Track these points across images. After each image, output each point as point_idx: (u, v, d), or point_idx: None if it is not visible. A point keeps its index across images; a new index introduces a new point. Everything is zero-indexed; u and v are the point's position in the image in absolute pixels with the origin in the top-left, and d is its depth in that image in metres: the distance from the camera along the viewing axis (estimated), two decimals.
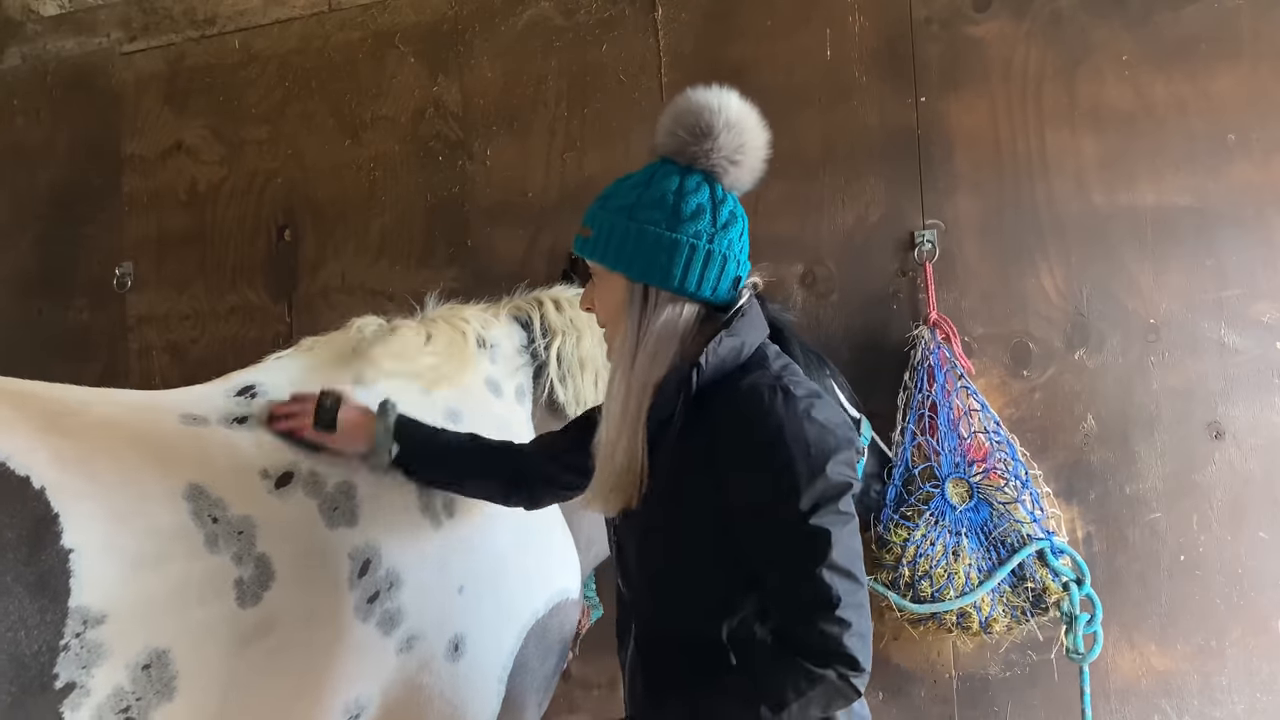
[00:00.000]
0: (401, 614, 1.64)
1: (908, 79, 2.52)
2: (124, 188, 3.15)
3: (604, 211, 1.40)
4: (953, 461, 2.33)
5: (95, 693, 1.26)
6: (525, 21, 2.82)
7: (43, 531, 1.25)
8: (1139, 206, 2.38)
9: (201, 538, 1.42)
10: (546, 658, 1.88)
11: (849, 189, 2.55)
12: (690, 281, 1.36)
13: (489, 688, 1.77)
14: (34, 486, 1.27)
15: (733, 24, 2.65)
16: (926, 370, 2.37)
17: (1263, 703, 2.28)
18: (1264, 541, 2.30)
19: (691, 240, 1.36)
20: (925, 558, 2.25)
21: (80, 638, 1.25)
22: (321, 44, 2.99)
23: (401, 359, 1.85)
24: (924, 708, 2.46)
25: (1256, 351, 2.31)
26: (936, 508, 2.29)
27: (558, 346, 2.08)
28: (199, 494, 1.44)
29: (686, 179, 1.39)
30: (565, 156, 2.77)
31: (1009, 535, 2.27)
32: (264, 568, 1.47)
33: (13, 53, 3.32)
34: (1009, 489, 2.30)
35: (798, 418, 1.28)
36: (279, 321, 2.97)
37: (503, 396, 2.02)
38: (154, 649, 1.33)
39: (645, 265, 1.36)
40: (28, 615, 1.21)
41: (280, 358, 1.84)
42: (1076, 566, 2.26)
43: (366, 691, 1.61)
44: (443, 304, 2.09)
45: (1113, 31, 2.41)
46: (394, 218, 2.90)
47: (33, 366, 3.13)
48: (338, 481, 1.64)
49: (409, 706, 1.66)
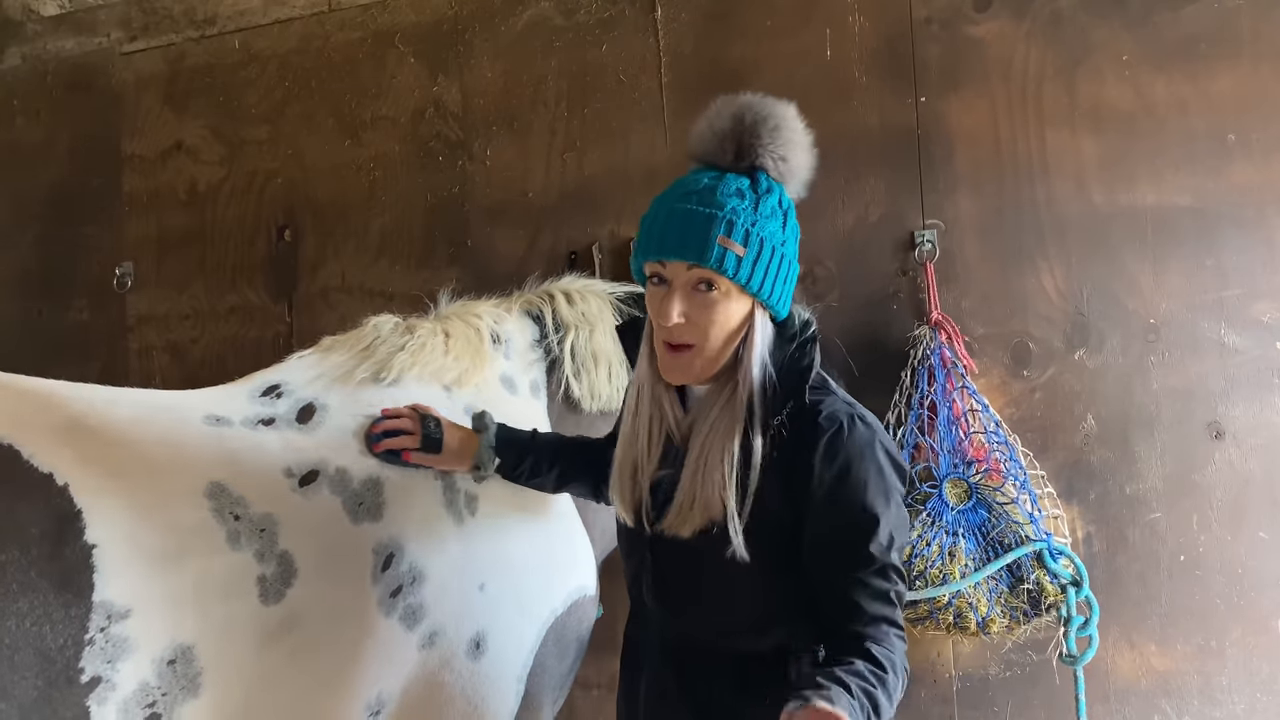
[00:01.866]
0: (424, 609, 1.64)
1: (908, 79, 2.53)
2: (124, 188, 3.15)
3: (755, 226, 1.33)
4: (951, 462, 2.33)
5: (121, 687, 1.27)
6: (525, 21, 2.82)
7: (66, 528, 1.27)
8: (1139, 206, 2.38)
9: (223, 534, 1.43)
10: (564, 656, 1.88)
11: (849, 189, 2.55)
12: (786, 303, 1.40)
13: (509, 686, 1.76)
14: (57, 483, 1.29)
15: (733, 24, 2.65)
16: (927, 370, 2.37)
17: (1263, 703, 2.28)
18: (1264, 541, 2.30)
19: (794, 260, 1.39)
20: (921, 558, 2.24)
21: (105, 632, 1.26)
22: (321, 44, 2.99)
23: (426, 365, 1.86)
24: (924, 708, 2.46)
25: (1256, 351, 2.31)
26: (933, 508, 2.29)
27: (571, 341, 2.08)
28: (220, 491, 1.45)
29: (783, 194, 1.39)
30: (565, 156, 2.77)
31: (1006, 536, 2.27)
32: (287, 565, 1.48)
33: (13, 53, 3.32)
34: (1007, 490, 2.30)
35: (875, 449, 1.33)
36: (279, 321, 2.98)
37: (518, 393, 2.03)
38: (179, 644, 1.34)
39: (781, 294, 1.38)
40: (53, 610, 1.23)
41: (303, 357, 1.84)
42: (1075, 569, 2.26)
43: (388, 688, 1.61)
44: (455, 301, 2.09)
45: (1113, 31, 2.41)
46: (394, 218, 2.90)
47: (33, 367, 3.12)
48: (365, 478, 1.64)
49: (429, 704, 1.66)
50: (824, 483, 1.32)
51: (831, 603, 1.33)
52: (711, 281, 1.33)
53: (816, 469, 1.32)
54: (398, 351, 1.84)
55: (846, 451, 1.31)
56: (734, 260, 1.31)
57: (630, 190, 2.67)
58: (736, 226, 1.31)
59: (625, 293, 2.21)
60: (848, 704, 1.14)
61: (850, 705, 1.15)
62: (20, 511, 1.24)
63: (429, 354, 1.87)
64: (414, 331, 1.90)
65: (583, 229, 2.73)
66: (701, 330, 1.35)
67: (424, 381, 1.84)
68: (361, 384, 1.77)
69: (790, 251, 1.38)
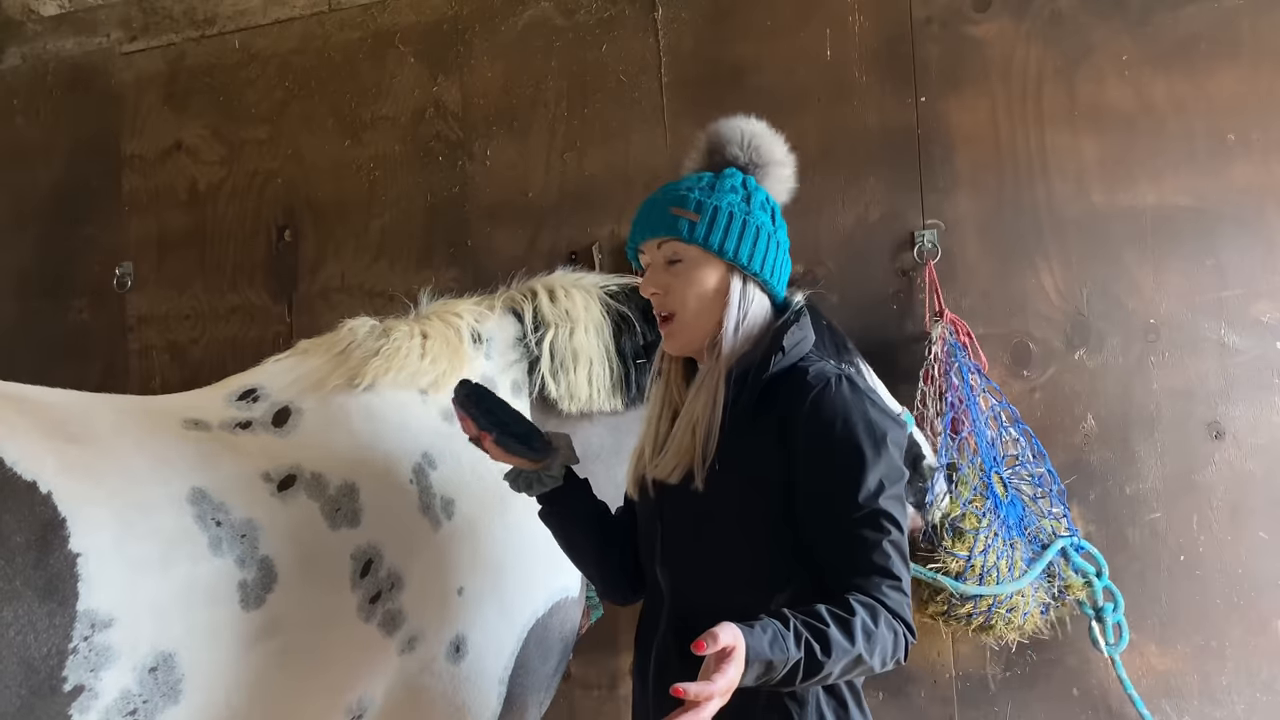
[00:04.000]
0: (403, 614, 1.64)
1: (908, 79, 2.53)
2: (124, 188, 3.15)
3: (710, 198, 1.45)
4: (991, 456, 2.32)
5: (103, 696, 1.27)
6: (525, 21, 2.82)
7: (50, 536, 1.26)
8: (1139, 206, 2.38)
9: (206, 541, 1.42)
10: (548, 658, 1.88)
11: (849, 189, 2.55)
12: (776, 274, 1.48)
13: (491, 688, 1.77)
14: (41, 491, 1.28)
15: (733, 24, 2.66)
16: (954, 367, 2.35)
17: (1263, 703, 2.28)
18: (1264, 541, 2.30)
19: (774, 234, 1.48)
20: (991, 550, 2.23)
21: (89, 641, 1.26)
22: (321, 44, 2.99)
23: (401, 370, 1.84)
24: (924, 708, 2.46)
25: (1256, 351, 2.31)
26: (992, 501, 2.28)
27: (550, 339, 2.03)
28: (202, 497, 1.45)
29: (747, 179, 1.50)
30: (565, 156, 2.77)
31: (1040, 531, 2.28)
32: (267, 570, 1.48)
33: (13, 53, 3.32)
34: (1033, 485, 2.31)
35: (863, 403, 1.37)
36: (279, 321, 2.98)
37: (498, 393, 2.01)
38: (160, 652, 1.33)
39: (752, 253, 1.45)
40: (37, 619, 1.22)
41: (279, 360, 1.84)
42: (1094, 560, 2.28)
43: (369, 693, 1.61)
44: (436, 300, 2.07)
45: (1113, 31, 2.41)
46: (394, 218, 2.90)
47: (33, 367, 3.15)
48: (340, 483, 1.64)
49: (412, 708, 1.67)
50: (810, 436, 1.36)
51: (826, 557, 1.34)
52: (677, 253, 1.46)
53: (803, 422, 1.36)
54: (372, 356, 1.82)
55: (832, 405, 1.36)
56: (687, 225, 1.44)
57: (630, 190, 2.66)
58: (689, 199, 1.45)
59: (618, 286, 2.18)
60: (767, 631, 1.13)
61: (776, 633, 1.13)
62: (3, 520, 1.23)
63: (404, 358, 1.85)
64: (390, 334, 1.88)
65: (583, 229, 2.73)
66: (678, 298, 1.47)
67: (399, 386, 1.83)
68: (336, 389, 1.76)
69: (761, 221, 1.46)
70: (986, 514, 2.25)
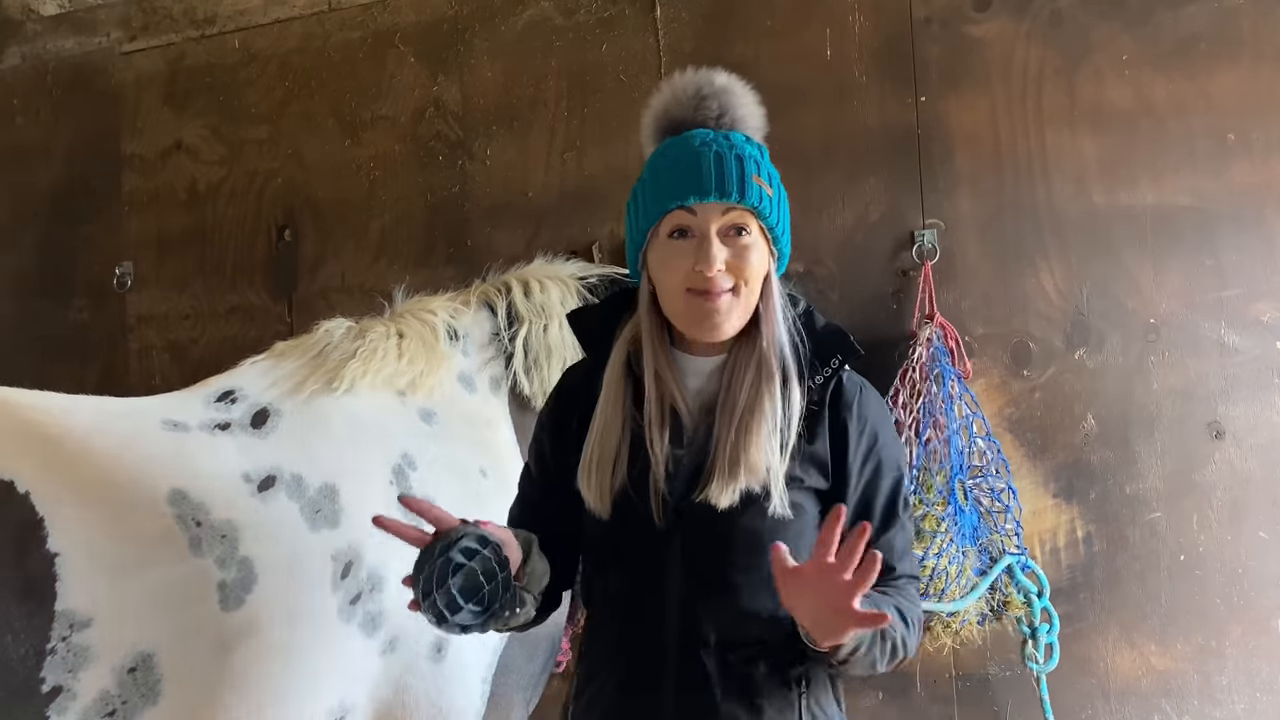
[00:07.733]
0: (384, 616, 1.64)
1: (908, 79, 2.52)
2: (124, 188, 3.15)
3: (772, 170, 1.31)
4: (959, 464, 2.33)
5: (81, 696, 1.27)
6: (525, 21, 2.82)
7: (28, 536, 1.26)
8: (1139, 206, 2.38)
9: (185, 541, 1.42)
10: (533, 657, 1.88)
11: (849, 189, 2.55)
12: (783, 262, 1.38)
13: (474, 688, 1.76)
14: (19, 491, 1.28)
15: (733, 24, 2.65)
16: (935, 371, 2.35)
17: (1263, 703, 2.28)
18: (1264, 541, 2.29)
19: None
20: (945, 554, 2.24)
21: (67, 641, 1.25)
22: (321, 44, 2.99)
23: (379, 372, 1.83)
24: (924, 708, 2.46)
25: (1256, 351, 2.31)
26: (953, 507, 2.29)
27: (524, 335, 2.01)
28: (182, 498, 1.45)
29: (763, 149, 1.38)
30: (565, 156, 2.77)
31: (992, 545, 2.30)
32: (247, 571, 1.47)
33: (13, 53, 3.32)
34: (991, 498, 2.32)
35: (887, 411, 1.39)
36: (279, 321, 2.97)
37: (476, 391, 1.99)
38: (139, 652, 1.33)
39: (786, 251, 1.37)
40: (14, 619, 1.22)
41: (256, 363, 1.83)
42: (1037, 580, 2.30)
43: (351, 694, 1.60)
44: (411, 297, 2.06)
45: (1113, 31, 2.41)
46: (394, 218, 2.90)
47: (32, 367, 3.15)
48: (320, 484, 1.64)
49: (395, 708, 1.66)
50: (859, 444, 1.32)
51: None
52: (743, 226, 1.27)
53: (852, 430, 1.31)
54: (349, 359, 1.82)
55: (874, 412, 1.33)
56: (769, 201, 1.27)
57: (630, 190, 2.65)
58: (762, 167, 1.28)
59: (598, 276, 2.16)
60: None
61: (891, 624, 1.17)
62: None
63: (380, 360, 1.84)
64: (366, 335, 1.87)
65: (583, 229, 2.73)
66: (751, 271, 1.28)
67: (377, 389, 1.82)
68: (314, 393, 1.76)
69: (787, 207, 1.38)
70: (946, 519, 2.26)
